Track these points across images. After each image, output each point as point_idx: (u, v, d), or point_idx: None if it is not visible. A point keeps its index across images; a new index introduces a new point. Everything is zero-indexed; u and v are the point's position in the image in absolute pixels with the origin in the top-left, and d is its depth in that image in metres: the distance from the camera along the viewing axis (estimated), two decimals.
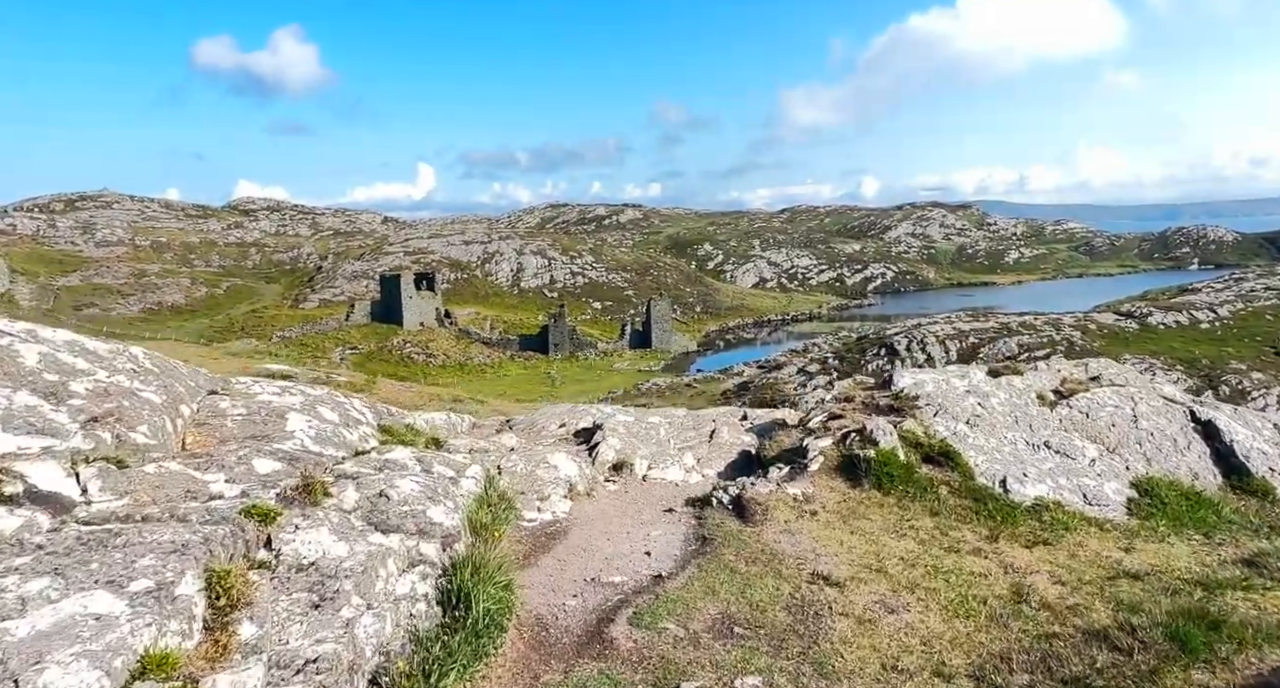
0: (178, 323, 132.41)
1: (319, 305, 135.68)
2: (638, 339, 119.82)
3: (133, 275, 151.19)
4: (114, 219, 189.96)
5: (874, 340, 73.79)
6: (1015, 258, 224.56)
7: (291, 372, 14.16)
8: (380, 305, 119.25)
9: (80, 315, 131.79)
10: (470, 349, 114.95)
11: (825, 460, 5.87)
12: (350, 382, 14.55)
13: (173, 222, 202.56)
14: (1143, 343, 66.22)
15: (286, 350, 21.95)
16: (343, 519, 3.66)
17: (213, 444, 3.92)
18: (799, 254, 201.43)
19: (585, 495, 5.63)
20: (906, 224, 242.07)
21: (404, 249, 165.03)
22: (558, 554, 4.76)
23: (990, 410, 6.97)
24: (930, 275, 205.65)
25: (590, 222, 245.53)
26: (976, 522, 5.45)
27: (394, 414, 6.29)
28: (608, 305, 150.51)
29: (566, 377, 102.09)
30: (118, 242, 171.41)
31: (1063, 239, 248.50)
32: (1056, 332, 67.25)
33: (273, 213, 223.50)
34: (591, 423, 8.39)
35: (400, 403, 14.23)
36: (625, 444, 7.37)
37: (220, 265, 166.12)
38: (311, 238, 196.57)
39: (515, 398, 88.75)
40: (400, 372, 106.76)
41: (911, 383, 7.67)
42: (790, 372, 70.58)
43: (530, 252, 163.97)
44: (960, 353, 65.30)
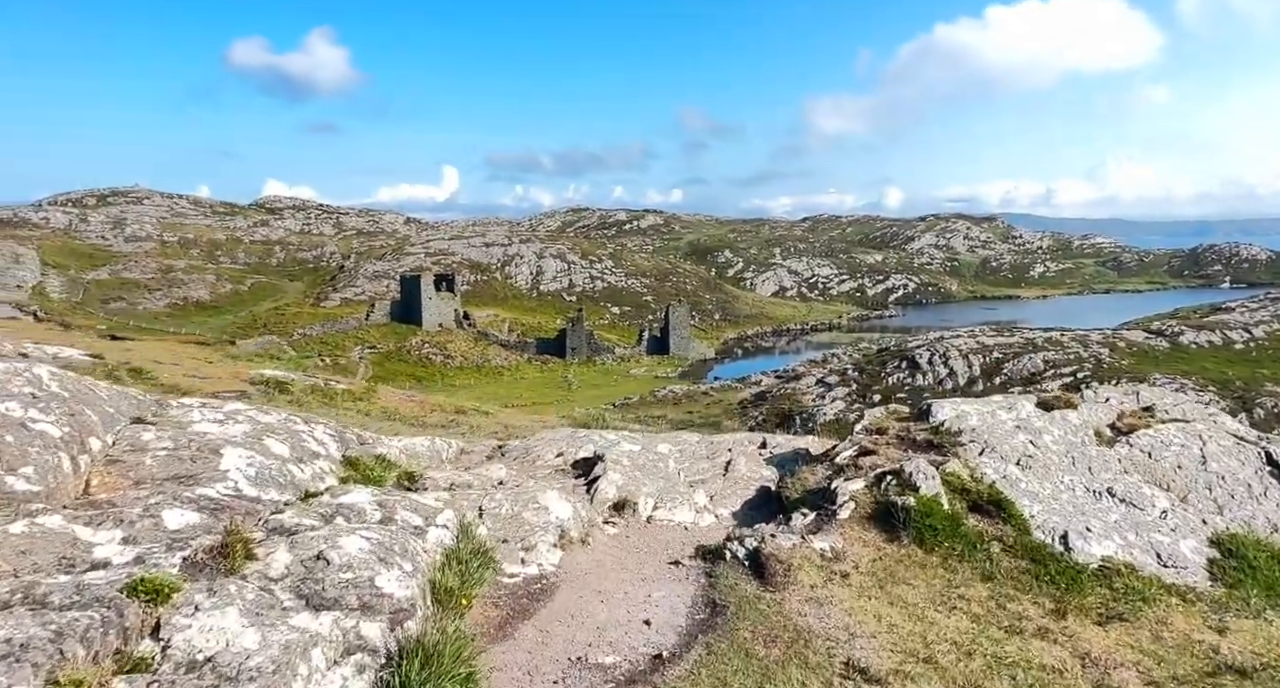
0: (202, 318, 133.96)
1: (340, 304, 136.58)
2: (655, 345, 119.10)
3: (160, 270, 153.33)
4: (144, 215, 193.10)
5: (895, 353, 72.42)
6: (1040, 272, 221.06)
7: (288, 377, 13.69)
8: (400, 305, 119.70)
9: (107, 309, 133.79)
10: (488, 351, 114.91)
11: (857, 507, 5.10)
12: (349, 390, 14.08)
13: (200, 218, 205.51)
14: (1173, 362, 64.31)
15: (288, 354, 21.78)
16: (262, 593, 2.93)
17: (124, 487, 3.25)
18: (820, 263, 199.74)
19: (579, 543, 4.88)
20: (930, 235, 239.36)
21: (425, 250, 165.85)
22: (541, 621, 4.01)
23: (1043, 449, 6.14)
24: (953, 288, 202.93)
25: (611, 226, 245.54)
26: (1037, 590, 4.64)
27: (365, 442, 5.58)
28: (626, 311, 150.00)
29: (583, 381, 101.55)
30: (146, 237, 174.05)
31: (1090, 254, 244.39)
32: (1083, 348, 65.51)
33: (298, 212, 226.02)
34: (593, 452, 7.63)
35: (400, 414, 13.64)
36: (628, 479, 6.62)
37: (245, 262, 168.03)
38: (335, 237, 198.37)
39: (531, 401, 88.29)
40: (418, 372, 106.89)
41: (953, 415, 6.80)
42: (809, 382, 69.42)
43: (550, 255, 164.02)
44: (984, 368, 63.85)
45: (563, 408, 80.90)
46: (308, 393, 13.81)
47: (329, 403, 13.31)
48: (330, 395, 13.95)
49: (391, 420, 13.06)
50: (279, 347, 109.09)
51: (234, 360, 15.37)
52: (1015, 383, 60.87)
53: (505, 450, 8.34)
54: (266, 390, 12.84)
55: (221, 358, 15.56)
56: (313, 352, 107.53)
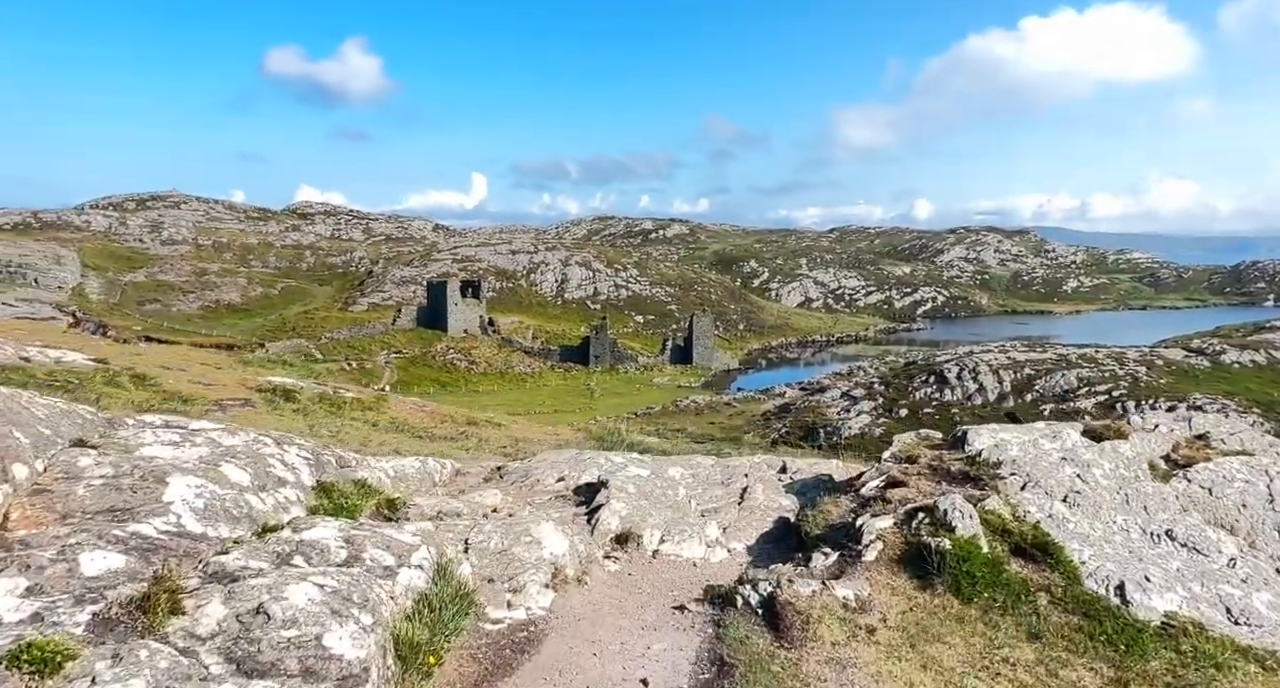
0: (233, 321, 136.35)
1: (368, 309, 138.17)
2: (679, 354, 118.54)
3: (194, 273, 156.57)
4: (180, 219, 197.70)
5: (922, 367, 71.04)
6: (1074, 287, 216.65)
7: (296, 385, 13.40)
8: (426, 311, 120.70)
9: (143, 311, 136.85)
10: (511, 358, 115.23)
11: (885, 548, 4.57)
12: (358, 398, 13.77)
13: (234, 223, 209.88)
14: (1214, 382, 62.17)
15: (312, 357, 21.68)
16: (181, 659, 2.46)
17: (48, 523, 2.86)
18: (847, 275, 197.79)
19: (575, 582, 4.40)
20: (960, 248, 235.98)
21: (452, 257, 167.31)
22: (523, 679, 3.52)
23: (1092, 485, 5.52)
24: (983, 301, 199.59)
25: (636, 235, 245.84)
26: (1093, 652, 4.05)
27: (346, 464, 5.14)
28: (650, 319, 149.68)
29: (605, 389, 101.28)
30: (182, 240, 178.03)
31: (1126, 269, 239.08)
32: (1119, 366, 63.62)
33: (328, 217, 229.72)
34: (596, 477, 7.09)
35: (409, 425, 13.32)
36: (633, 509, 6.07)
37: (276, 266, 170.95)
38: (364, 242, 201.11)
39: (553, 409, 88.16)
40: (442, 377, 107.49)
41: (991, 444, 6.18)
42: (834, 395, 68.33)
43: (575, 263, 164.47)
44: (1014, 384, 62.28)
45: (584, 416, 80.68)
46: (315, 402, 13.57)
47: (336, 412, 13.04)
48: (338, 404, 13.66)
49: (399, 432, 12.74)
50: (307, 349, 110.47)
51: (246, 366, 15.18)
52: (1047, 401, 59.27)
53: (504, 473, 7.85)
54: (272, 398, 12.69)
55: (234, 364, 15.39)
56: (339, 355, 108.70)
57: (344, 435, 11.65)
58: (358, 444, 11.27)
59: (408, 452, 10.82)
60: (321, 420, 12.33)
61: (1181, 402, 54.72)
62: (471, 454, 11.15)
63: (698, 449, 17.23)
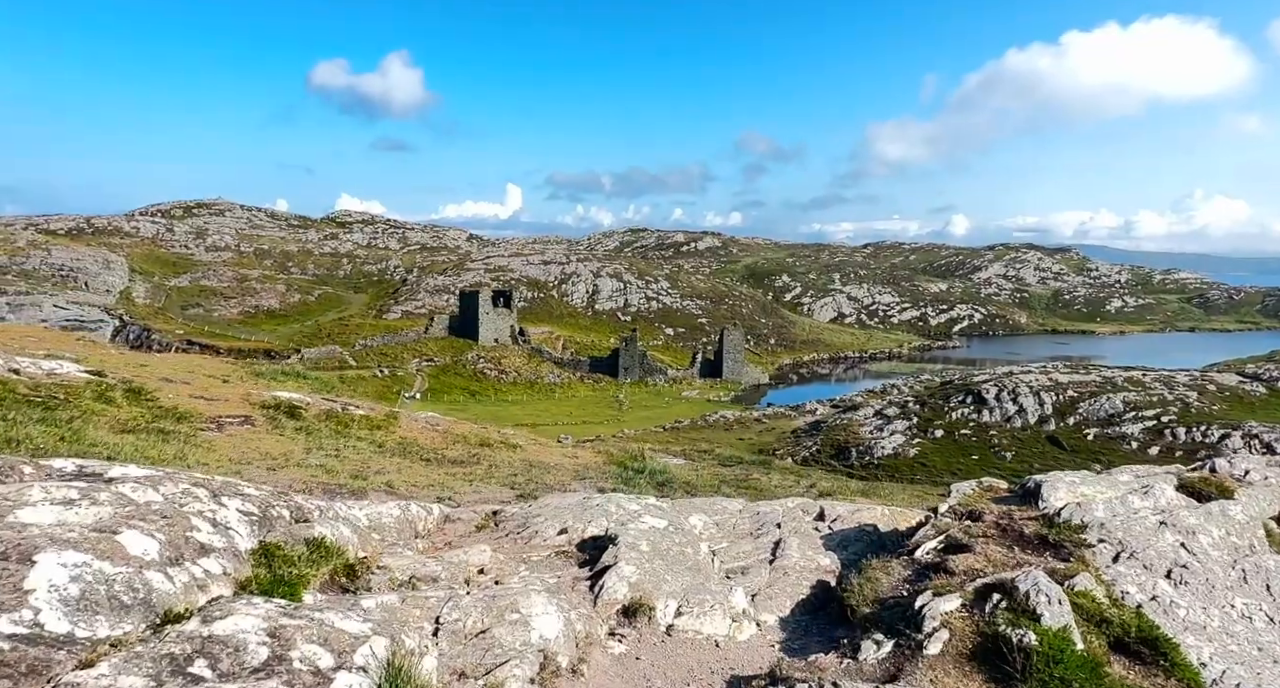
0: (271, 326, 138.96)
1: (401, 316, 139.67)
2: (708, 368, 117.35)
3: (235, 279, 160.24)
4: (224, 226, 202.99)
5: (959, 386, 68.90)
6: (1118, 306, 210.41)
7: (303, 401, 12.80)
8: (458, 320, 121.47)
9: (185, 315, 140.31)
10: (541, 368, 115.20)
11: (951, 638, 3.69)
12: (367, 416, 13.13)
13: (275, 230, 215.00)
14: (1271, 409, 59.17)
15: (317, 372, 21.11)
16: None
17: None
18: (881, 291, 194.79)
19: (569, 672, 3.57)
20: (998, 265, 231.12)
21: (485, 266, 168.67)
22: None
23: (1201, 557, 4.51)
24: (1022, 320, 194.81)
25: (668, 247, 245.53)
26: None
27: (305, 518, 4.25)
28: (680, 332, 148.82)
29: (634, 401, 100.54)
30: (225, 247, 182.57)
31: (1173, 289, 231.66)
32: (1169, 391, 60.90)
33: (366, 226, 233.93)
34: (605, 529, 6.22)
35: (418, 446, 12.65)
36: (645, 572, 5.14)
37: (314, 273, 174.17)
38: (400, 251, 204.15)
39: (581, 420, 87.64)
40: (472, 386, 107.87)
41: (1071, 500, 5.21)
42: (867, 413, 66.58)
43: (607, 274, 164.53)
44: (1056, 407, 59.97)
45: (612, 428, 79.92)
46: (321, 419, 13.09)
47: (341, 432, 12.46)
48: (345, 422, 13.09)
49: (404, 455, 12.06)
50: (340, 356, 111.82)
51: (257, 378, 14.69)
52: (1091, 425, 56.92)
53: (500, 519, 6.97)
54: (275, 416, 12.35)
55: (246, 375, 14.90)
56: (372, 362, 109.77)
57: (341, 459, 11.02)
58: (354, 469, 10.53)
59: (405, 482, 10.00)
60: (324, 441, 11.87)
61: (1236, 430, 52.06)
62: (474, 487, 10.41)
63: (724, 474, 16.27)
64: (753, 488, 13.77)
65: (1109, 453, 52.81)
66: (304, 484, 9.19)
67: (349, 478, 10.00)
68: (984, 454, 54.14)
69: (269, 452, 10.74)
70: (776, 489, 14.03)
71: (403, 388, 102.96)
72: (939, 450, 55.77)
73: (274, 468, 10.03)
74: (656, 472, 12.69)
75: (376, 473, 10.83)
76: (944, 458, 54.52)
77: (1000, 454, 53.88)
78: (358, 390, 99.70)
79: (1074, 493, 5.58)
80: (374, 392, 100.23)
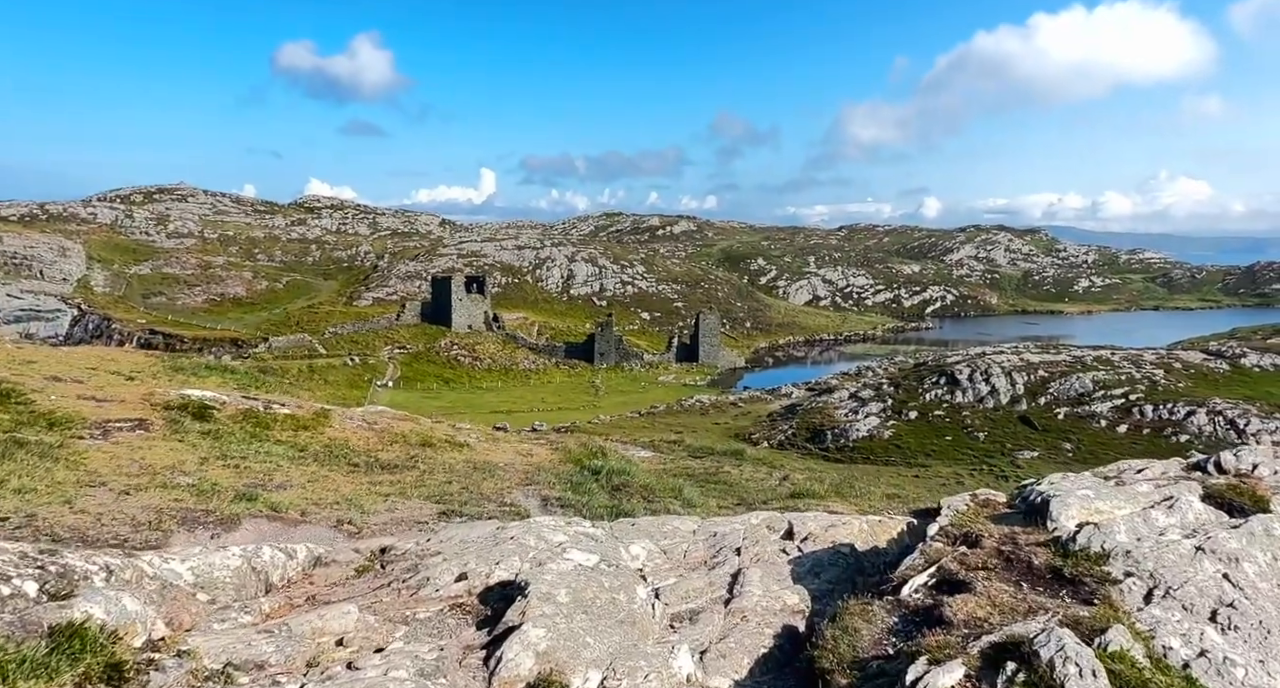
0: (237, 314, 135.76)
1: (372, 303, 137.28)
2: (684, 352, 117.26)
3: (199, 267, 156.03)
4: (187, 212, 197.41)
5: (932, 368, 69.54)
6: (1085, 287, 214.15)
7: (218, 400, 11.37)
8: (430, 306, 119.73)
9: (148, 304, 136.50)
10: (516, 354, 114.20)
11: None
12: (293, 415, 11.82)
13: (241, 216, 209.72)
14: (1234, 386, 60.51)
15: (230, 369, 18.31)
16: None
17: None
18: (855, 273, 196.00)
19: None
20: (970, 247, 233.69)
21: (458, 252, 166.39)
22: None
23: (1249, 591, 3.95)
24: (993, 301, 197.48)
25: (644, 231, 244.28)
26: None
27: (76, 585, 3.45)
28: (656, 316, 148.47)
29: (610, 387, 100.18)
30: (188, 234, 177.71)
31: (1138, 269, 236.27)
32: (1136, 369, 62.01)
33: (335, 211, 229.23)
34: (516, 572, 5.03)
35: (350, 448, 11.61)
36: (561, 635, 4.07)
37: (282, 260, 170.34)
38: (370, 237, 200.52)
39: (556, 406, 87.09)
40: (445, 373, 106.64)
41: (1087, 524, 4.43)
42: (842, 396, 66.94)
43: (581, 259, 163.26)
44: (1028, 386, 60.78)
45: (588, 414, 79.49)
46: (236, 420, 11.83)
47: (258, 434, 11.42)
48: (265, 423, 11.99)
49: (328, 461, 10.64)
50: (310, 344, 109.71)
51: (176, 374, 13.32)
52: (1062, 404, 57.78)
53: (389, 559, 5.76)
54: (179, 418, 10.98)
55: (163, 371, 13.55)
56: (343, 350, 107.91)
57: (240, 470, 9.92)
58: (251, 484, 9.46)
59: (307, 499, 8.97)
60: (231, 448, 10.68)
61: (1201, 406, 53.18)
62: (390, 504, 9.12)
63: (693, 467, 15.74)
64: (722, 482, 13.28)
65: (1079, 431, 53.68)
66: (152, 515, 7.89)
67: (232, 499, 8.69)
68: (957, 435, 54.73)
69: (151, 464, 9.52)
70: (748, 483, 13.56)
71: (375, 376, 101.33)
72: (913, 432, 56.26)
73: (129, 491, 8.63)
74: (615, 472, 11.88)
75: (277, 488, 9.52)
76: (918, 439, 55.02)
77: (973, 435, 54.50)
78: (328, 379, 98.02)
79: (1088, 509, 4.86)
80: (345, 380, 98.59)
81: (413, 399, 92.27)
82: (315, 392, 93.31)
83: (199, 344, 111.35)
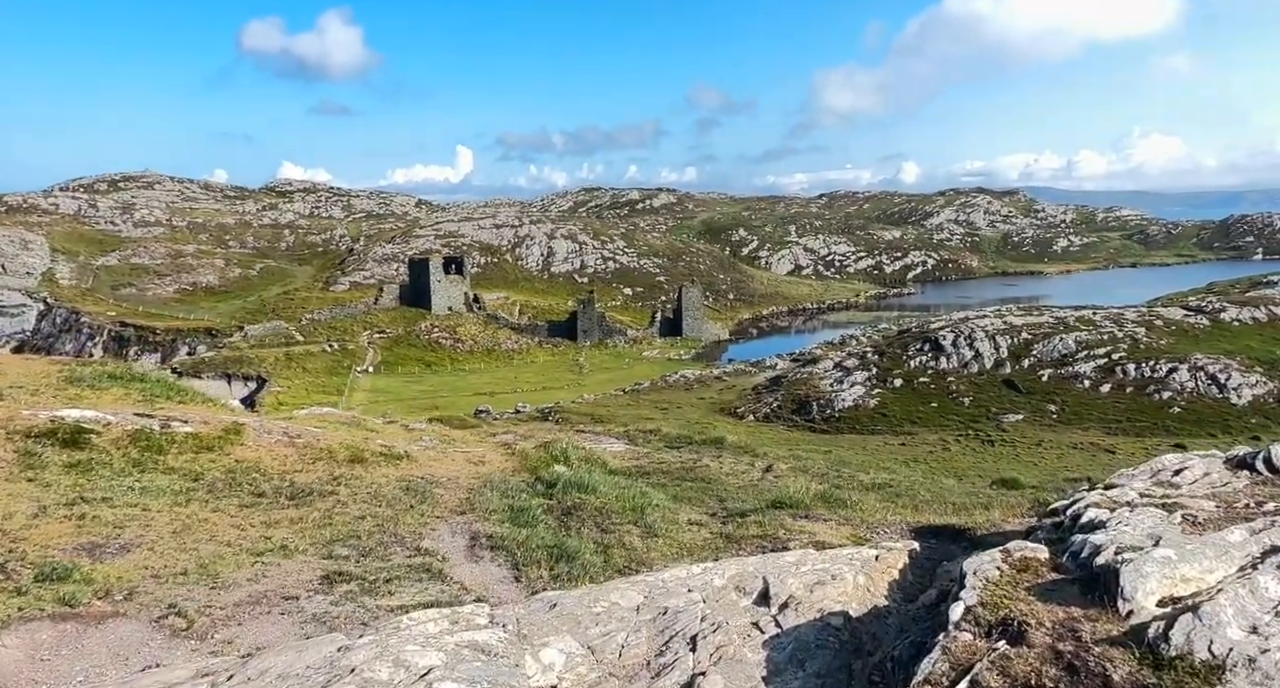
0: (210, 304, 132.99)
1: (349, 288, 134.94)
2: (668, 327, 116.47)
3: (169, 256, 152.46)
4: (153, 200, 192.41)
5: (916, 334, 69.28)
6: (1064, 246, 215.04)
7: (100, 421, 10.26)
8: (409, 289, 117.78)
9: (117, 296, 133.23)
10: (498, 335, 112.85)
11: None
12: (195, 434, 9.88)
13: (210, 203, 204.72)
14: (1215, 341, 60.74)
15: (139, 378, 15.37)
16: None
17: None
18: (836, 241, 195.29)
19: None
20: (949, 210, 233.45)
21: (435, 232, 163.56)
22: None
23: None
24: (973, 264, 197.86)
25: (624, 205, 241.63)
26: None
27: None
28: (639, 292, 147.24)
29: (594, 365, 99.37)
30: (155, 222, 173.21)
31: (1115, 227, 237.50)
32: (1118, 328, 62.06)
33: (308, 195, 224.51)
34: None
35: (261, 470, 9.60)
36: None
37: (254, 247, 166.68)
38: (345, 220, 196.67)
39: (540, 386, 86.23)
40: (427, 357, 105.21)
41: (1177, 606, 3.25)
42: (826, 366, 66.60)
43: (561, 236, 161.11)
44: (1011, 350, 60.66)
45: (572, 393, 78.74)
46: (119, 446, 10.00)
47: (143, 462, 9.77)
48: (158, 447, 10.25)
49: (222, 493, 9.35)
50: (287, 332, 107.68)
51: (68, 386, 11.44)
52: (1045, 366, 57.73)
53: None
54: (36, 447, 9.17)
55: (56, 383, 11.69)
56: (321, 337, 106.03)
57: (85, 520, 8.15)
58: (96, 537, 7.85)
59: (149, 566, 7.34)
60: (98, 483, 8.91)
61: (1183, 363, 53.29)
62: (261, 567, 7.55)
63: (669, 461, 14.81)
64: (700, 480, 12.32)
65: (1063, 393, 53.70)
66: None
67: (27, 581, 6.66)
68: (942, 402, 54.57)
69: None
70: (728, 479, 12.64)
71: (354, 362, 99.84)
72: (899, 400, 56.04)
73: None
74: (572, 484, 10.62)
75: (115, 552, 7.58)
76: (904, 407, 54.82)
77: (958, 401, 54.37)
78: (306, 367, 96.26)
79: (1172, 578, 3.50)
80: (324, 367, 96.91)
81: (394, 384, 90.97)
82: (294, 380, 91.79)
83: (172, 335, 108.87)
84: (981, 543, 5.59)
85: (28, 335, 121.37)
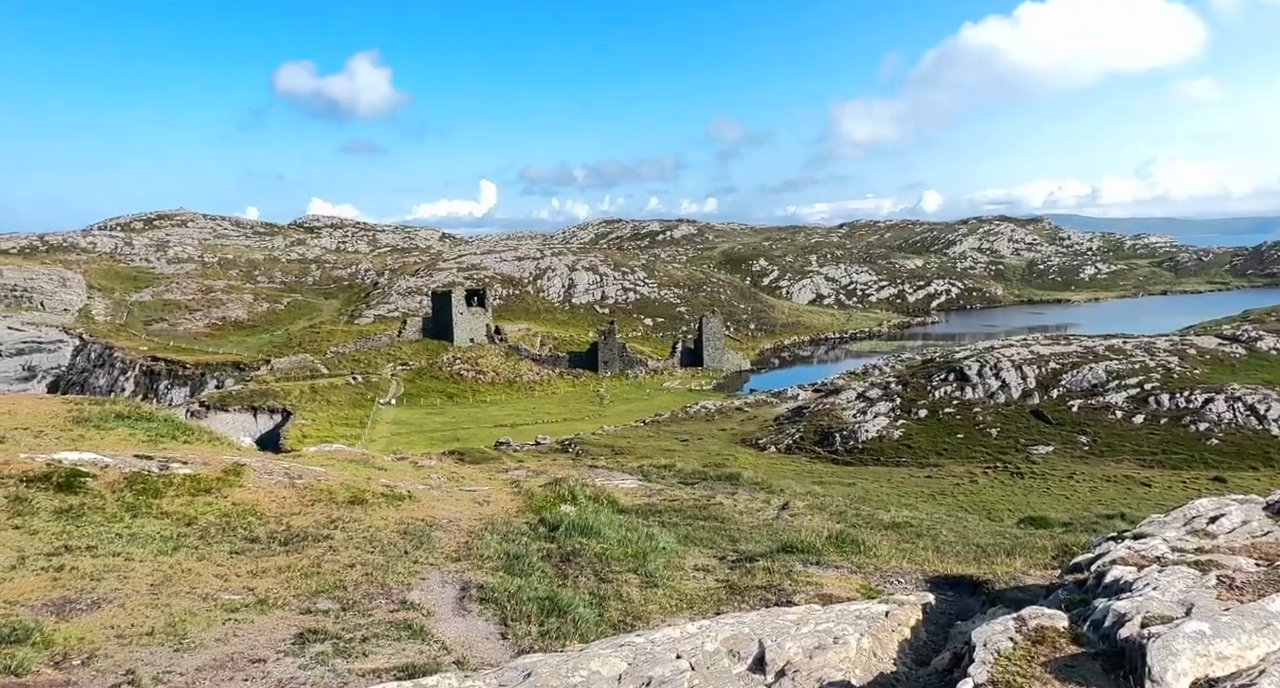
0: (239, 337, 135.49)
1: (374, 321, 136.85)
2: (689, 357, 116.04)
3: (200, 291, 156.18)
4: (186, 237, 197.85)
5: (940, 364, 68.19)
6: (1091, 274, 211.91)
7: (98, 463, 10.18)
8: (432, 321, 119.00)
9: (149, 331, 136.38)
10: (519, 366, 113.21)
11: None
12: (195, 475, 9.54)
13: (241, 239, 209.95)
14: (1252, 371, 58.98)
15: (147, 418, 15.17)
16: None
17: None
18: (858, 270, 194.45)
19: None
20: (972, 239, 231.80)
21: (458, 265, 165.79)
22: None
23: None
24: (998, 292, 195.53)
25: (644, 237, 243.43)
26: None
27: None
28: (659, 322, 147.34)
29: (615, 396, 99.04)
30: (188, 258, 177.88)
31: (1144, 254, 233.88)
32: (1150, 357, 60.55)
33: (334, 230, 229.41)
34: None
35: (258, 514, 8.65)
36: None
37: (282, 281, 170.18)
38: (370, 254, 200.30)
39: (561, 417, 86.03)
40: (449, 388, 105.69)
41: (1209, 681, 2.91)
42: (849, 396, 65.66)
43: (582, 267, 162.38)
44: (1039, 380, 59.37)
45: (593, 424, 78.40)
46: (114, 490, 9.77)
47: (138, 506, 9.48)
48: (154, 490, 10.00)
49: (216, 539, 9.04)
50: (312, 364, 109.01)
51: (75, 427, 11.42)
52: (1075, 396, 56.35)
53: None
54: (29, 491, 9.11)
55: (63, 424, 11.58)
56: (345, 370, 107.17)
57: (63, 572, 7.80)
58: (69, 591, 7.50)
59: (117, 624, 6.90)
60: (86, 529, 8.80)
61: (1220, 394, 51.71)
62: (233, 624, 7.14)
63: (682, 499, 14.48)
64: (713, 519, 11.95)
65: (1094, 423, 52.30)
66: None
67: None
68: (968, 433, 53.39)
69: None
70: (741, 517, 12.23)
71: (377, 394, 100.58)
72: (924, 431, 54.94)
73: None
74: (576, 527, 10.26)
75: (85, 608, 7.15)
76: (929, 438, 53.72)
77: (985, 431, 53.16)
78: (330, 399, 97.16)
79: (1206, 657, 3.13)
80: (347, 400, 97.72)
81: (416, 416, 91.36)
82: (318, 413, 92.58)
83: (201, 369, 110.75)
84: (1001, 597, 5.23)
85: (63, 371, 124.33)
